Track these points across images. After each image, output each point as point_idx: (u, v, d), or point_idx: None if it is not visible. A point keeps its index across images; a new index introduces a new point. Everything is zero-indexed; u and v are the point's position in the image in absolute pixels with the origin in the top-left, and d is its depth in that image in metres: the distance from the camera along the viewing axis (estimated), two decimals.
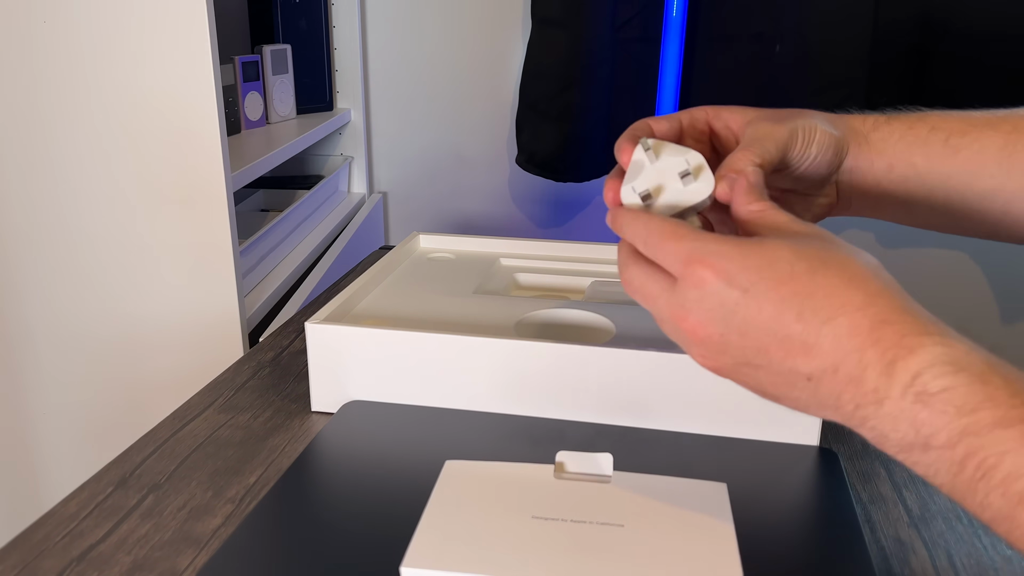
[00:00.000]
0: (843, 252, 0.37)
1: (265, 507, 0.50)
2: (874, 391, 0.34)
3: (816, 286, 0.36)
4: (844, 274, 0.36)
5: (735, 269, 0.37)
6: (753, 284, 0.37)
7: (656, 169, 0.46)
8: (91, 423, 1.07)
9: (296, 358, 0.73)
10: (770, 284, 0.37)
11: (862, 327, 0.35)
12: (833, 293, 0.36)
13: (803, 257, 0.37)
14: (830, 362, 0.36)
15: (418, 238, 0.86)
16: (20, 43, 0.92)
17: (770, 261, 0.37)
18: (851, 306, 0.35)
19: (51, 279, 1.00)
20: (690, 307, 0.39)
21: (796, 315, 0.36)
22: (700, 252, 0.38)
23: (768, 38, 1.34)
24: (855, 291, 0.36)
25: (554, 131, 1.40)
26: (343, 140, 1.56)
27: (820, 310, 0.36)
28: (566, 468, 0.49)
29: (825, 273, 0.36)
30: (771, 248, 0.37)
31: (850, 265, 0.37)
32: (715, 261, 0.38)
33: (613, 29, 1.37)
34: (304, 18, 1.43)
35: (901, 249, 1.54)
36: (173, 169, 0.94)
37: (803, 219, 0.47)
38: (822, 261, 0.37)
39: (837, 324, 0.35)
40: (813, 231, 0.39)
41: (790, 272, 0.36)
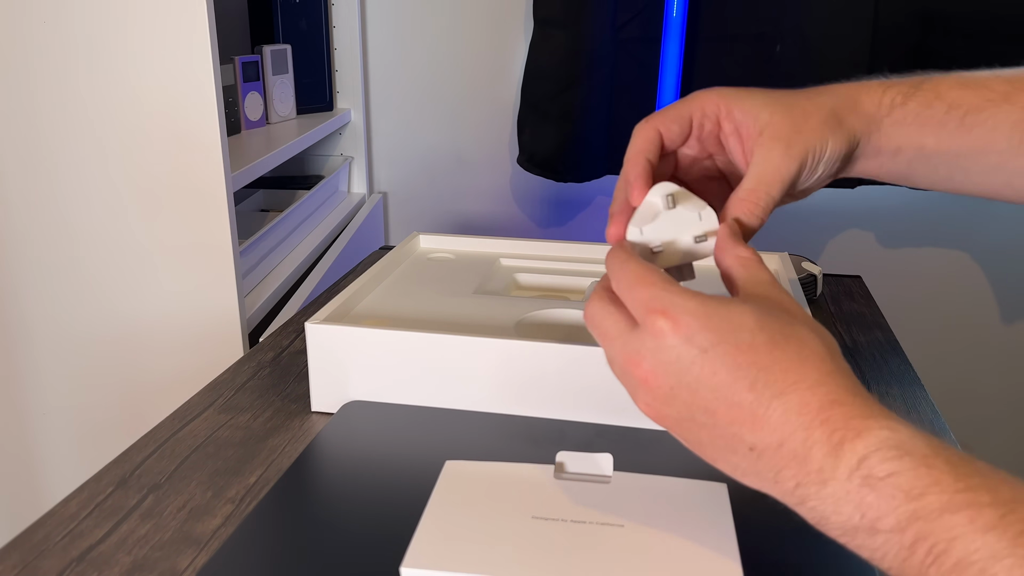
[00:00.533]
0: (805, 329, 0.38)
1: (265, 507, 0.50)
2: (819, 471, 0.34)
3: (774, 359, 0.37)
4: (802, 351, 0.37)
5: (697, 327, 0.37)
6: (712, 346, 0.37)
7: (670, 218, 0.47)
8: (91, 423, 1.07)
9: (296, 358, 0.73)
10: (729, 349, 0.37)
11: (812, 405, 0.35)
12: (789, 368, 0.36)
13: (765, 328, 0.37)
14: (776, 437, 0.36)
15: (418, 238, 0.86)
16: (20, 43, 0.92)
17: (733, 327, 0.37)
18: (804, 384, 0.36)
19: (51, 279, 1.00)
20: (645, 355, 0.39)
21: (749, 384, 0.36)
22: (665, 303, 0.38)
23: (769, 38, 1.34)
24: (810, 369, 0.36)
25: (555, 131, 1.40)
26: (343, 140, 1.56)
27: (773, 383, 0.36)
28: (566, 468, 0.49)
29: (784, 348, 0.37)
30: (736, 313, 0.38)
31: (809, 343, 0.37)
32: (678, 315, 0.38)
33: (614, 29, 1.37)
34: (304, 18, 1.43)
35: (901, 249, 1.54)
36: (173, 169, 0.94)
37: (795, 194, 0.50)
38: (784, 335, 0.37)
39: (788, 399, 0.36)
40: (783, 300, 0.40)
41: (751, 342, 0.37)
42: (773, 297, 0.40)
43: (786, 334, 0.37)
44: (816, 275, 0.87)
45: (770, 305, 0.39)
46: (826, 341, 0.38)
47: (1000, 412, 1.63)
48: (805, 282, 0.86)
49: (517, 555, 0.41)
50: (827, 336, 0.39)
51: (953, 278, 1.55)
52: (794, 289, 0.71)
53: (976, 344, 1.59)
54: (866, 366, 0.73)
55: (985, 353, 1.59)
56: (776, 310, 0.39)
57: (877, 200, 1.50)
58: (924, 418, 0.64)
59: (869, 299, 0.90)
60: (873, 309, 0.88)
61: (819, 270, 0.88)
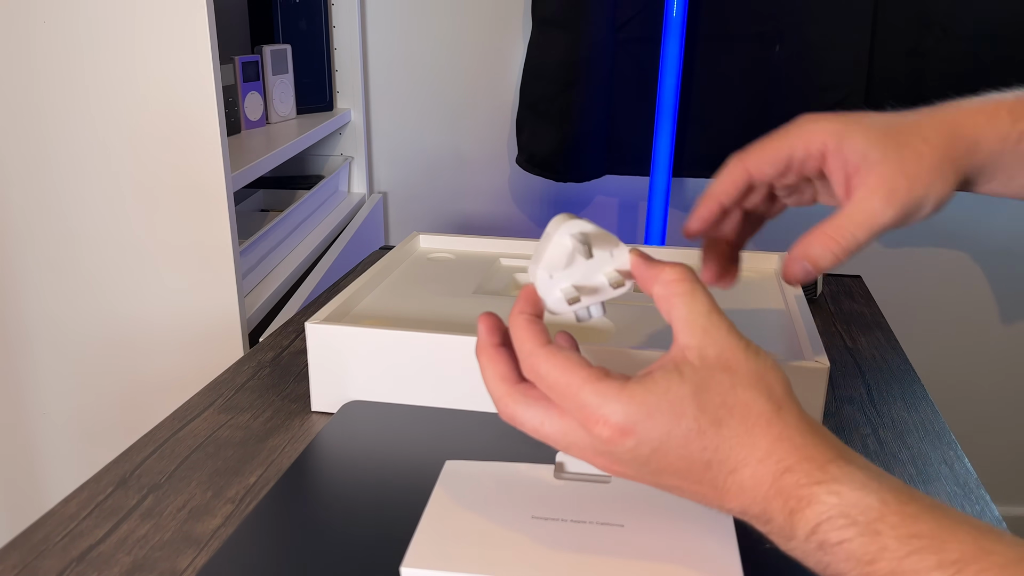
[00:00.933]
0: (747, 391, 0.37)
1: (265, 507, 0.50)
2: (780, 530, 0.36)
3: (721, 439, 0.37)
4: (747, 421, 0.37)
5: (641, 430, 0.37)
6: (662, 443, 0.37)
7: (582, 261, 0.44)
8: (91, 423, 1.07)
9: (296, 358, 0.73)
10: (678, 441, 0.37)
11: (764, 479, 0.36)
12: (736, 445, 0.37)
13: (707, 409, 0.37)
14: (738, 505, 0.38)
15: (418, 238, 0.86)
16: (20, 43, 0.92)
17: (676, 416, 0.37)
18: (754, 457, 0.37)
19: (51, 279, 1.00)
20: (599, 451, 0.39)
21: (705, 465, 0.37)
22: (602, 412, 0.37)
23: (768, 38, 1.34)
24: (758, 438, 0.37)
25: (554, 131, 1.40)
26: (343, 140, 1.56)
27: (725, 461, 0.37)
28: (566, 468, 0.49)
29: (729, 423, 0.37)
30: (676, 401, 0.37)
31: (754, 406, 0.37)
32: (618, 423, 0.37)
33: (613, 29, 1.37)
34: (304, 18, 1.43)
35: (902, 249, 1.54)
36: (173, 169, 0.94)
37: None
38: (727, 409, 0.37)
39: (742, 475, 0.37)
40: (722, 350, 0.38)
41: (697, 428, 0.37)
42: (711, 348, 0.38)
43: (728, 406, 0.37)
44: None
45: (709, 369, 0.38)
46: (771, 391, 0.38)
47: (1000, 412, 1.63)
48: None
49: (517, 555, 0.41)
50: (771, 379, 0.38)
51: (953, 278, 1.55)
52: (798, 295, 0.71)
53: (976, 344, 1.59)
54: (866, 366, 0.73)
55: (985, 353, 1.59)
56: (716, 372, 0.38)
57: None
58: (924, 418, 0.64)
59: (869, 299, 0.90)
60: (873, 309, 0.88)
61: None
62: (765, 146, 0.48)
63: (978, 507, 0.52)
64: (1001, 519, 0.51)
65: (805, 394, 0.56)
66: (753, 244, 0.58)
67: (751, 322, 0.67)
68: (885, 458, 0.58)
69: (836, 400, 0.66)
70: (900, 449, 0.59)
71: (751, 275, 0.79)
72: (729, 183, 0.49)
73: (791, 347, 0.62)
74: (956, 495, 0.53)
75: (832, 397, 0.67)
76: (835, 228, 0.46)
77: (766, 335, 0.65)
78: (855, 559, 0.34)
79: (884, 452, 0.58)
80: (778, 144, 0.48)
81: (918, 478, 0.55)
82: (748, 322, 0.67)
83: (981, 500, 0.53)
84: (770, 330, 0.66)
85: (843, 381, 0.70)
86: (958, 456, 0.58)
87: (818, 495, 0.35)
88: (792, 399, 0.38)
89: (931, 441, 0.60)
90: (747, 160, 0.48)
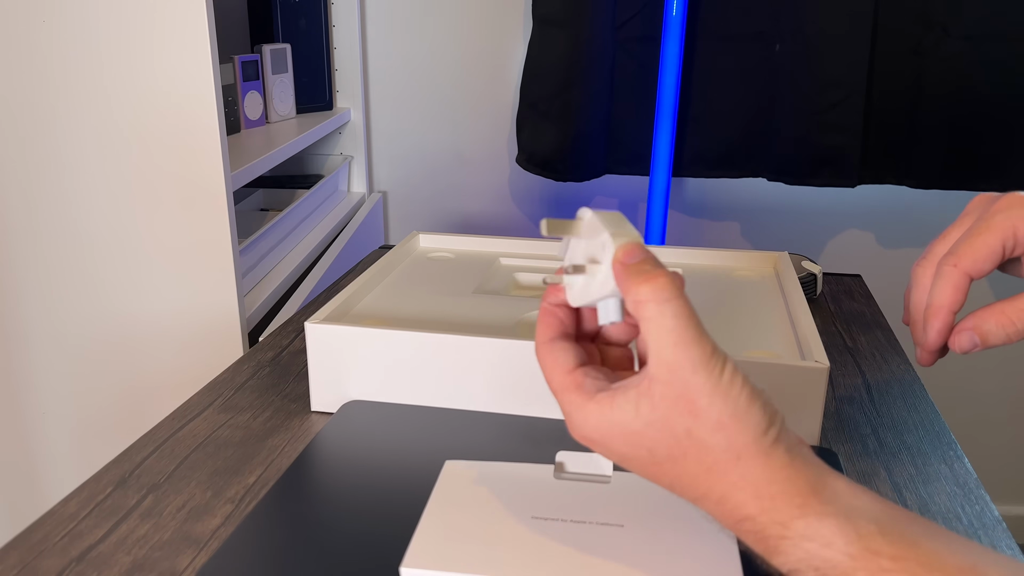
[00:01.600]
0: (705, 438, 0.36)
1: (265, 507, 0.50)
2: (764, 551, 0.36)
3: (676, 474, 0.38)
4: (703, 464, 0.36)
5: (604, 445, 0.39)
6: (625, 460, 0.39)
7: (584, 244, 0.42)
8: (91, 423, 1.07)
9: (296, 358, 0.73)
10: (640, 463, 0.38)
11: (727, 519, 0.37)
12: (694, 483, 0.37)
13: (661, 445, 0.37)
14: (717, 519, 0.38)
15: (418, 237, 0.86)
16: (19, 42, 0.92)
17: (631, 446, 0.38)
18: (712, 497, 0.37)
19: (51, 279, 1.00)
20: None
21: (669, 485, 0.39)
22: (573, 418, 0.39)
23: (768, 38, 1.34)
24: (715, 483, 0.37)
25: (554, 131, 1.40)
26: (343, 139, 1.56)
27: (687, 491, 0.38)
28: (566, 468, 0.49)
29: (684, 463, 0.37)
30: (629, 433, 0.37)
31: (710, 454, 0.36)
32: (585, 434, 0.39)
33: (613, 29, 1.37)
34: (304, 17, 1.43)
35: (902, 248, 1.54)
36: (173, 168, 0.94)
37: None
38: (681, 450, 0.37)
39: (705, 505, 0.38)
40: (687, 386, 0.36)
41: (651, 459, 0.38)
42: (674, 386, 0.36)
43: (683, 448, 0.36)
44: (816, 274, 0.87)
45: (668, 408, 0.36)
46: (731, 441, 0.36)
47: (1000, 412, 1.63)
48: (805, 281, 0.86)
49: (517, 555, 0.41)
50: (737, 426, 0.36)
51: None
52: (798, 296, 0.71)
53: None
54: (866, 366, 0.73)
55: (985, 353, 1.59)
56: (676, 414, 0.36)
57: (877, 199, 1.50)
58: (924, 418, 0.64)
59: (869, 298, 0.90)
60: (873, 308, 0.88)
61: (819, 269, 0.88)
62: (975, 244, 0.47)
63: (978, 507, 0.52)
64: (1001, 519, 0.51)
65: (805, 394, 0.56)
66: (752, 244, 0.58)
67: (751, 322, 0.67)
68: (885, 458, 0.58)
69: (836, 400, 0.66)
70: (900, 449, 0.59)
71: (751, 275, 0.79)
72: (956, 292, 0.47)
73: (791, 347, 0.62)
74: (956, 495, 0.53)
75: (832, 397, 0.67)
76: (1016, 310, 0.45)
77: (766, 335, 0.65)
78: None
79: (884, 452, 0.58)
80: (989, 239, 0.47)
81: (918, 478, 0.55)
82: (748, 322, 0.67)
83: (981, 500, 0.53)
84: (770, 330, 0.66)
85: (843, 381, 0.70)
86: (958, 456, 0.58)
87: (784, 548, 0.35)
88: (760, 445, 0.36)
89: (931, 441, 0.60)
90: (962, 263, 0.47)
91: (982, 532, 0.49)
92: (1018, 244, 0.46)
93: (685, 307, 0.37)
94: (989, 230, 0.47)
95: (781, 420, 0.37)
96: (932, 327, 0.48)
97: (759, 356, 0.59)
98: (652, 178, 1.35)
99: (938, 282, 0.48)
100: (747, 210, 1.53)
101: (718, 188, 1.53)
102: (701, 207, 1.55)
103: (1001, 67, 1.29)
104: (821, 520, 0.35)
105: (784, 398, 0.56)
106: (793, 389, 0.56)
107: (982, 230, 0.47)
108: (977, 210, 0.50)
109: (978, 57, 1.29)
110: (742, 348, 0.61)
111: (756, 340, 0.63)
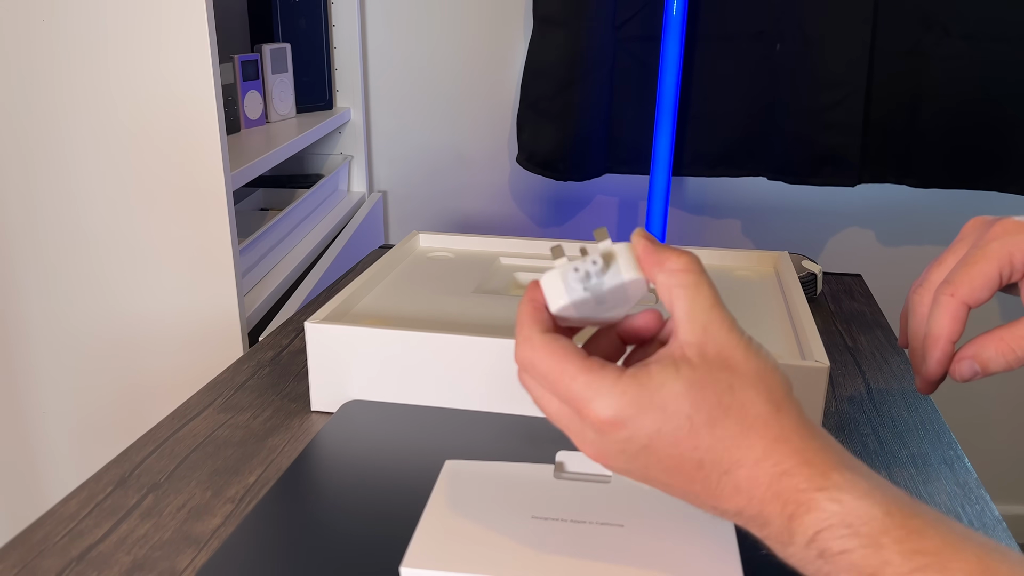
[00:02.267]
0: (747, 390, 0.36)
1: (265, 507, 0.50)
2: (778, 535, 0.35)
3: (715, 439, 0.36)
4: (744, 421, 0.36)
5: (633, 425, 0.36)
6: (651, 440, 0.36)
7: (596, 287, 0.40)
8: (91, 422, 1.07)
9: (296, 357, 0.73)
10: (669, 440, 0.36)
11: (761, 481, 0.35)
12: (731, 446, 0.36)
13: (702, 408, 0.36)
14: (732, 506, 0.36)
15: (418, 237, 0.86)
16: (19, 42, 0.91)
17: (669, 415, 0.36)
18: (750, 459, 0.36)
19: (50, 278, 1.00)
20: (589, 438, 0.38)
21: (697, 465, 0.36)
22: (593, 405, 0.37)
23: (768, 37, 1.34)
24: (755, 439, 0.36)
25: (555, 130, 1.40)
26: (343, 139, 1.56)
27: (719, 462, 0.36)
28: (566, 468, 0.49)
29: (724, 423, 0.36)
30: (670, 398, 0.36)
31: (752, 407, 0.36)
32: (609, 415, 0.36)
33: (614, 28, 1.37)
34: (304, 17, 1.43)
35: (902, 247, 1.53)
36: (173, 168, 0.94)
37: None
38: (723, 408, 0.36)
39: (737, 476, 0.36)
40: (723, 345, 0.37)
41: (689, 427, 0.36)
42: (711, 345, 0.37)
43: (725, 406, 0.36)
44: (816, 273, 0.87)
45: (707, 367, 0.37)
46: (771, 392, 0.36)
47: (1000, 412, 1.63)
48: (805, 280, 0.86)
49: (517, 555, 0.41)
50: (772, 381, 0.37)
51: None
52: (798, 295, 0.71)
53: None
54: (866, 365, 0.73)
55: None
56: (715, 370, 0.37)
57: (877, 199, 1.50)
58: (924, 418, 0.64)
59: (869, 298, 0.90)
60: (873, 308, 0.87)
61: (819, 268, 0.88)
62: (972, 273, 0.47)
63: (978, 507, 0.52)
64: (1001, 519, 0.51)
65: (805, 394, 0.56)
66: (753, 243, 0.58)
67: (752, 322, 0.67)
68: (885, 458, 0.58)
69: (836, 400, 0.66)
70: (900, 449, 0.59)
71: (751, 275, 0.79)
72: (954, 322, 0.47)
73: (791, 347, 0.62)
74: (956, 495, 0.53)
75: (832, 397, 0.67)
76: (1015, 337, 0.45)
77: (766, 335, 0.65)
78: (857, 570, 0.33)
79: (884, 452, 0.58)
80: (986, 268, 0.47)
81: (918, 478, 0.55)
82: (749, 322, 0.67)
83: (981, 500, 0.53)
84: (770, 330, 0.66)
85: (843, 381, 0.70)
86: (958, 456, 0.58)
87: (818, 501, 0.34)
88: (792, 402, 0.37)
89: (931, 441, 0.60)
90: (959, 292, 0.47)
91: (982, 532, 0.49)
92: (1015, 271, 0.46)
93: (711, 282, 0.39)
94: (986, 258, 0.47)
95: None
96: (932, 357, 0.48)
97: None
98: (652, 177, 1.35)
99: (935, 311, 0.48)
100: (747, 209, 1.53)
101: (718, 187, 1.53)
102: (701, 206, 1.55)
103: (1001, 66, 1.29)
104: (854, 472, 0.35)
105: None
106: (794, 389, 0.56)
107: (979, 258, 0.47)
108: (972, 235, 0.50)
109: (978, 56, 1.29)
110: None
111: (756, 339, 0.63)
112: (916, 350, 0.50)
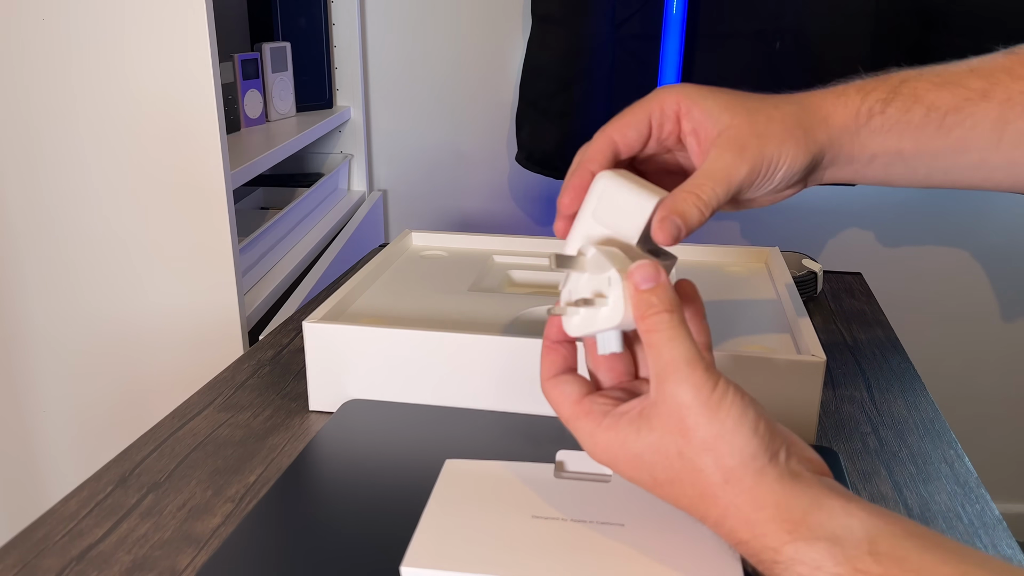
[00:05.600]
0: (697, 458, 0.38)
1: (265, 506, 0.50)
2: (763, 572, 0.38)
3: (678, 496, 0.39)
4: (697, 487, 0.38)
5: (615, 467, 0.41)
6: (635, 481, 0.41)
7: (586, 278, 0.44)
8: (91, 422, 1.07)
9: (296, 356, 0.73)
10: (648, 486, 0.41)
11: (726, 540, 0.39)
12: (692, 507, 0.39)
13: (659, 470, 0.39)
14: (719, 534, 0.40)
15: (410, 236, 0.86)
16: (18, 41, 0.91)
17: (637, 468, 0.40)
18: (709, 520, 0.39)
19: (50, 278, 1.00)
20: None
21: (674, 501, 0.40)
22: (586, 446, 0.42)
23: (768, 35, 1.34)
24: (710, 506, 0.38)
25: (554, 129, 1.40)
26: (343, 138, 1.56)
27: (689, 512, 0.40)
28: (566, 467, 0.49)
29: (681, 487, 0.39)
30: (632, 458, 0.40)
31: (702, 475, 0.38)
32: (598, 457, 0.41)
33: (613, 27, 1.37)
34: (304, 16, 1.43)
35: (902, 246, 1.53)
36: (172, 167, 0.94)
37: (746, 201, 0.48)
38: (675, 473, 0.39)
39: (707, 526, 0.39)
40: (685, 416, 0.38)
41: (653, 483, 0.40)
42: (670, 408, 0.38)
43: (676, 471, 0.39)
44: (816, 272, 0.87)
45: (664, 429, 0.38)
46: (719, 461, 0.37)
47: (1000, 411, 1.63)
48: (805, 279, 0.86)
49: (517, 555, 0.41)
50: (726, 446, 0.37)
51: (954, 275, 1.55)
52: (791, 291, 0.71)
53: (976, 342, 1.59)
54: (866, 364, 0.73)
55: (986, 351, 1.59)
56: (668, 436, 0.38)
57: (878, 197, 1.50)
58: (924, 417, 0.64)
59: (870, 296, 0.90)
60: (873, 306, 0.87)
61: (819, 267, 0.88)
62: (625, 114, 0.48)
63: (978, 506, 0.52)
64: (1001, 518, 0.51)
65: (801, 390, 0.56)
66: (753, 242, 0.58)
67: (745, 318, 0.67)
68: (885, 457, 0.58)
69: (836, 399, 0.66)
70: (900, 448, 0.59)
71: (744, 271, 0.79)
72: (596, 150, 0.48)
73: (786, 343, 0.62)
74: (956, 494, 0.53)
75: (832, 396, 0.67)
76: (695, 185, 0.45)
77: (761, 331, 0.65)
78: None
79: (884, 451, 0.58)
80: (637, 110, 0.48)
81: (918, 477, 0.55)
82: (742, 318, 0.67)
83: (981, 499, 0.53)
84: (765, 326, 0.66)
85: (843, 380, 0.70)
86: (958, 455, 0.58)
87: (777, 571, 0.36)
88: (748, 468, 0.37)
89: (931, 440, 0.60)
90: (609, 128, 0.48)
91: (982, 531, 0.49)
92: (666, 117, 0.48)
93: (686, 338, 0.39)
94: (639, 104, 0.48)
95: (782, 444, 0.38)
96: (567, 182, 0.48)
97: (754, 351, 0.59)
98: None
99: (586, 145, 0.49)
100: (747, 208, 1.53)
101: None
102: None
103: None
104: (811, 545, 0.35)
105: (780, 393, 0.56)
106: (789, 384, 0.56)
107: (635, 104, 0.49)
108: None
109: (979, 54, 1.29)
110: (737, 344, 0.61)
111: (751, 336, 0.63)
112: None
